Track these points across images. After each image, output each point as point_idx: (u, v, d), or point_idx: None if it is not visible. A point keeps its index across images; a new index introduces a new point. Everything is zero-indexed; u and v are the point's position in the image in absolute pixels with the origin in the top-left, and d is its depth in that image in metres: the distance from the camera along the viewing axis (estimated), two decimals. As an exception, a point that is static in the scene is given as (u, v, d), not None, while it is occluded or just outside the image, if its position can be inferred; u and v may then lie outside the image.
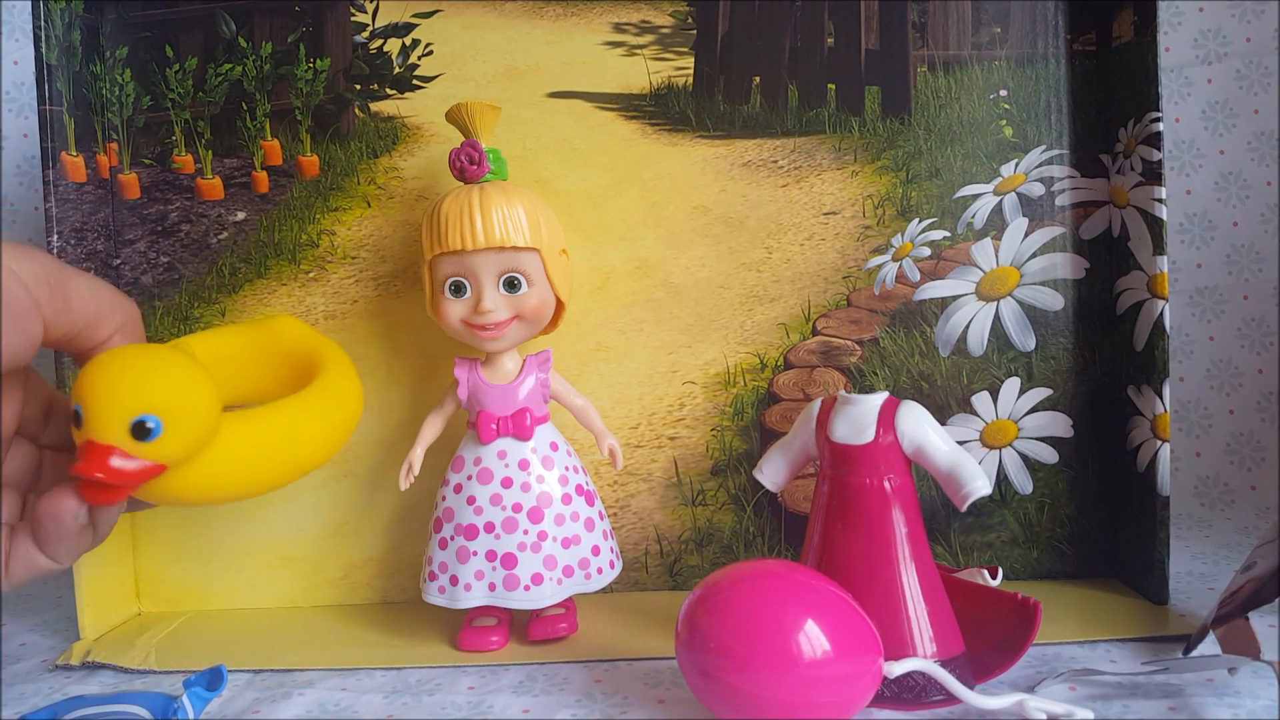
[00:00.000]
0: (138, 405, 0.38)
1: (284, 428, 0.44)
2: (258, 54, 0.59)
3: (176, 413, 0.39)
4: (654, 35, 0.59)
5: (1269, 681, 0.43)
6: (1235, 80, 0.74)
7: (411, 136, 0.60)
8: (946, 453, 0.44)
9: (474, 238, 0.50)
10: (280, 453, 0.44)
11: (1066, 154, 0.58)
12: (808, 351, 0.59)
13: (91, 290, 0.39)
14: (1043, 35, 0.58)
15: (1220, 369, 0.75)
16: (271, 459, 0.44)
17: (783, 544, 0.59)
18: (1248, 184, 0.74)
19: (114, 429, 0.38)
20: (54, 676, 0.51)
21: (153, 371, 0.39)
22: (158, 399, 0.39)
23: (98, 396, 0.38)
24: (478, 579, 0.51)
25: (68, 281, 0.38)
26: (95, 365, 0.39)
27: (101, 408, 0.38)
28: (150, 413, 0.38)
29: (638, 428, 0.59)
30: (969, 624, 0.45)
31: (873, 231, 0.59)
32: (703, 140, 0.60)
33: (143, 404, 0.38)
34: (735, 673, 0.39)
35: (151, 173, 0.60)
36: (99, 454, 0.38)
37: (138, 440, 0.38)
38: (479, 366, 0.54)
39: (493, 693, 0.47)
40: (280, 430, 0.44)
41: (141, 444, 0.38)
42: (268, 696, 0.47)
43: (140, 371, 0.39)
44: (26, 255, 0.37)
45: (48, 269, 0.37)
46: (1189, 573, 0.59)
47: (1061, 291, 0.58)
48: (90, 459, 0.38)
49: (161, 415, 0.38)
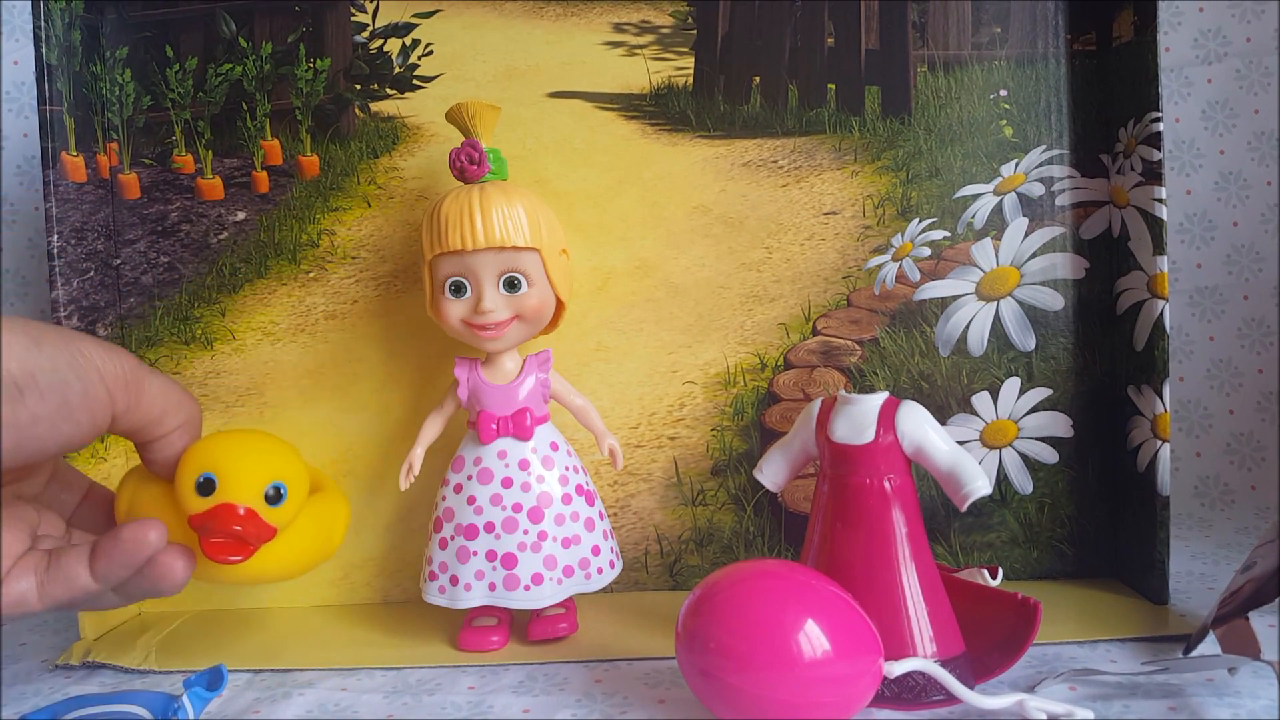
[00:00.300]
0: (272, 473, 0.44)
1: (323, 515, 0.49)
2: (258, 54, 0.59)
3: (296, 483, 0.45)
4: (654, 35, 0.59)
5: (1269, 681, 0.43)
6: (1235, 80, 0.74)
7: (412, 136, 0.60)
8: (946, 453, 0.44)
9: (474, 238, 0.50)
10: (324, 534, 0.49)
11: (1066, 154, 0.58)
12: (808, 351, 0.59)
13: (161, 390, 0.43)
14: (1043, 35, 0.58)
15: (1220, 369, 0.75)
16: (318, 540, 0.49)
17: (783, 544, 0.59)
18: (1248, 184, 0.74)
19: (251, 493, 0.44)
20: (54, 676, 0.51)
21: (277, 446, 0.46)
22: (285, 469, 0.45)
23: (236, 465, 0.44)
24: (478, 579, 0.51)
25: (142, 382, 0.41)
26: (222, 440, 0.45)
27: (240, 474, 0.44)
28: (281, 480, 0.44)
29: (638, 428, 0.59)
30: (969, 624, 0.45)
31: (873, 231, 0.59)
32: (703, 140, 0.60)
33: (276, 472, 0.44)
34: (735, 673, 0.39)
35: (152, 173, 0.60)
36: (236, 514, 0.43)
37: (268, 504, 0.44)
38: (479, 366, 0.54)
39: (493, 693, 0.47)
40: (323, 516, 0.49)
41: (270, 508, 0.44)
42: (268, 696, 0.47)
43: (268, 446, 0.46)
44: (113, 355, 0.41)
45: (127, 370, 0.41)
46: (1189, 573, 0.59)
47: (1061, 291, 0.58)
48: (228, 517, 0.43)
49: (287, 483, 0.45)
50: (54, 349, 0.38)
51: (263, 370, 0.60)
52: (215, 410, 0.60)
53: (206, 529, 0.43)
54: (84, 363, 0.39)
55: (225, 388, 0.60)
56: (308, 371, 0.60)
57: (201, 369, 0.60)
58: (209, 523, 0.43)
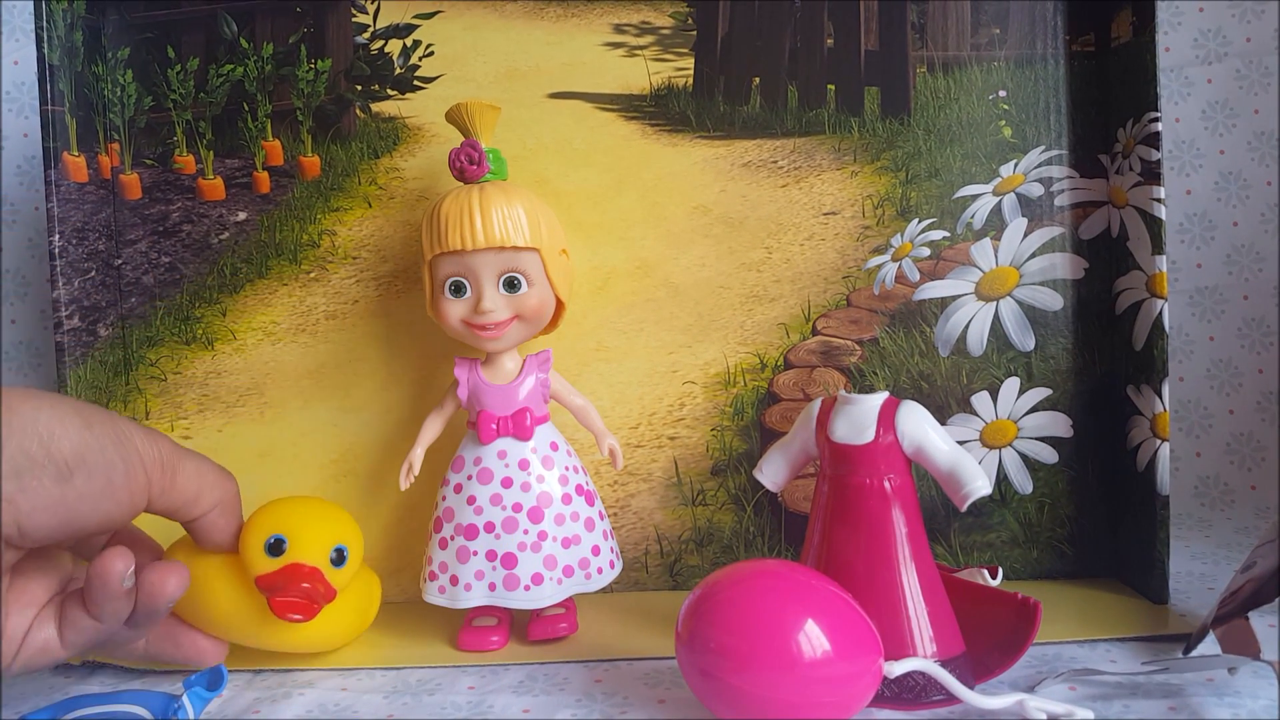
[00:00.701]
0: (336, 536, 0.48)
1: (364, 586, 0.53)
2: (259, 55, 0.59)
3: (355, 546, 0.49)
4: (654, 36, 0.60)
5: (1269, 681, 0.43)
6: (1235, 80, 0.74)
7: (412, 137, 0.60)
8: (946, 453, 0.44)
9: (474, 238, 0.50)
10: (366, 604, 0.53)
11: (1065, 154, 0.58)
12: (808, 351, 0.59)
13: (197, 472, 0.44)
14: (1042, 36, 0.58)
15: (1220, 369, 0.75)
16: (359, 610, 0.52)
17: (783, 544, 0.59)
18: (1248, 184, 0.74)
19: (319, 554, 0.47)
20: (54, 676, 0.51)
21: (336, 511, 0.50)
22: (347, 533, 0.49)
23: (304, 527, 0.47)
24: (478, 579, 0.51)
25: (178, 464, 0.43)
26: (287, 505, 0.49)
27: (308, 536, 0.47)
28: (344, 544, 0.48)
29: (638, 428, 0.59)
30: (969, 624, 0.45)
31: (872, 231, 0.59)
32: (703, 140, 0.60)
33: (339, 536, 0.49)
34: (735, 673, 0.39)
35: (153, 173, 0.60)
36: (306, 572, 0.46)
37: (333, 566, 0.48)
38: (479, 366, 0.54)
39: (493, 693, 0.47)
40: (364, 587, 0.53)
41: (334, 569, 0.48)
42: (268, 696, 0.47)
43: (329, 511, 0.50)
44: (151, 439, 0.42)
45: (164, 455, 0.43)
46: (1189, 573, 0.59)
47: (1061, 291, 0.58)
48: (298, 575, 0.46)
49: (349, 546, 0.49)
50: (101, 430, 0.40)
51: (263, 370, 0.60)
52: (216, 410, 0.60)
53: (277, 588, 0.46)
54: (127, 445, 0.41)
55: (226, 387, 0.60)
56: (308, 371, 0.60)
57: (202, 369, 0.60)
58: (280, 582, 0.46)
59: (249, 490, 0.59)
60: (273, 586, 0.46)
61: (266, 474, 0.59)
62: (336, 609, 0.49)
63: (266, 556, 0.46)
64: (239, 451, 0.60)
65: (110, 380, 0.59)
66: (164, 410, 0.60)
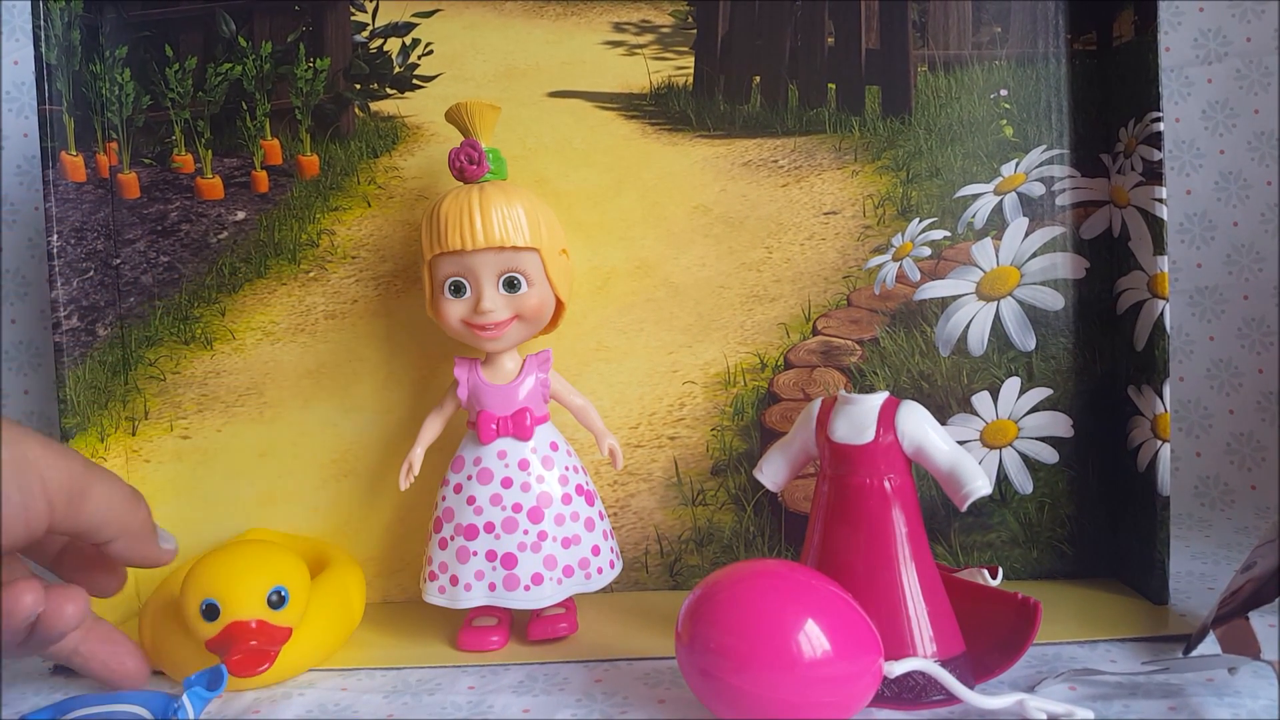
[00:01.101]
0: (269, 580, 0.47)
1: (336, 590, 0.53)
2: (257, 53, 0.59)
3: (295, 581, 0.48)
4: (654, 35, 0.59)
5: (1269, 681, 0.43)
6: (1235, 80, 0.74)
7: (411, 136, 0.60)
8: (947, 452, 0.44)
9: (474, 238, 0.50)
10: (342, 609, 0.53)
11: (1067, 154, 0.58)
12: (808, 351, 0.59)
13: (106, 500, 0.42)
14: (1043, 35, 0.58)
15: (1220, 369, 0.75)
16: (338, 616, 0.52)
17: (783, 544, 0.59)
18: (1248, 184, 0.74)
19: (253, 604, 0.46)
20: (54, 676, 0.51)
21: (266, 552, 0.49)
22: (281, 571, 0.47)
23: (232, 583, 0.46)
24: (478, 579, 0.51)
25: (86, 491, 0.41)
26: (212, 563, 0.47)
27: (239, 591, 0.46)
28: (279, 584, 0.47)
29: (638, 428, 0.59)
30: (969, 624, 0.45)
31: (873, 231, 0.59)
32: (703, 140, 0.60)
33: (272, 578, 0.47)
34: (735, 673, 0.39)
35: (151, 172, 0.60)
36: (246, 629, 0.46)
37: (274, 609, 0.46)
38: (479, 366, 0.54)
39: (493, 693, 0.47)
40: (336, 592, 0.53)
41: (276, 612, 0.46)
42: (268, 696, 0.47)
43: (259, 555, 0.48)
44: (57, 464, 0.40)
45: (73, 479, 0.40)
46: (1189, 573, 0.59)
47: (1062, 291, 0.58)
48: (241, 634, 0.45)
49: (286, 584, 0.47)
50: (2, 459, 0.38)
51: (262, 370, 0.60)
52: (215, 410, 0.60)
53: (224, 650, 0.45)
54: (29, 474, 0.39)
55: (225, 387, 0.60)
56: (308, 371, 0.60)
57: (201, 368, 0.60)
58: (225, 644, 0.45)
59: (249, 490, 0.60)
60: (221, 648, 0.45)
61: (266, 474, 0.59)
62: (311, 628, 0.49)
63: (205, 622, 0.46)
64: (238, 451, 0.60)
65: (109, 380, 0.59)
66: (163, 410, 0.60)
